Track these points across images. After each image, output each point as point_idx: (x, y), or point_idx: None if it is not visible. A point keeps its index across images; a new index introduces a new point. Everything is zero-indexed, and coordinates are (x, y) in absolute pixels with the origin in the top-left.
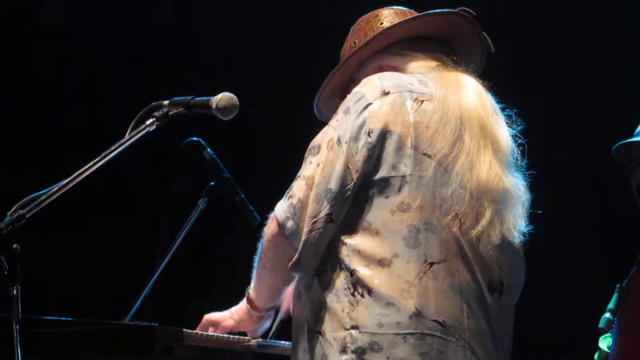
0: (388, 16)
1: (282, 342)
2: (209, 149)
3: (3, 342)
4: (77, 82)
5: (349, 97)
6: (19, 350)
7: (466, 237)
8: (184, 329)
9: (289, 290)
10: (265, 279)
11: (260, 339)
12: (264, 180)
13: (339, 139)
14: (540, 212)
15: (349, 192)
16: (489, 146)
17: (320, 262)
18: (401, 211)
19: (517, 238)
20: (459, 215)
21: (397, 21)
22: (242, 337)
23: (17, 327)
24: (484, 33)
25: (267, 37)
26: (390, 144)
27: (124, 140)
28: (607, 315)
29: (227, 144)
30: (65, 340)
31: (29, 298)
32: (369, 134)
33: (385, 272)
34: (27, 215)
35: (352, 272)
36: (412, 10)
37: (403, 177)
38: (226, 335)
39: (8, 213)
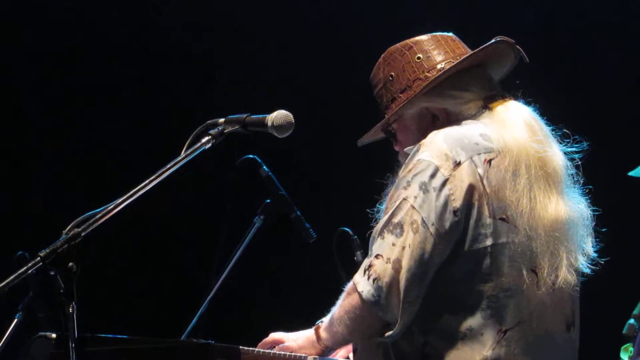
0: (428, 45)
1: (341, 359)
2: (264, 167)
3: None
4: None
5: (417, 163)
6: None
7: (545, 287)
8: (240, 346)
9: None
10: (341, 336)
11: (317, 357)
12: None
13: (423, 221)
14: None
15: (435, 270)
16: (550, 182)
17: None
18: (482, 282)
19: (582, 264)
20: (535, 268)
21: (439, 49)
22: (299, 354)
23: (73, 345)
24: (518, 47)
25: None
26: (472, 217)
27: (179, 158)
28: (631, 321)
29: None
30: (122, 359)
31: (85, 316)
32: (454, 213)
33: (458, 346)
34: (83, 234)
35: (424, 344)
36: (449, 34)
37: (485, 248)
38: (283, 353)
39: (64, 232)
